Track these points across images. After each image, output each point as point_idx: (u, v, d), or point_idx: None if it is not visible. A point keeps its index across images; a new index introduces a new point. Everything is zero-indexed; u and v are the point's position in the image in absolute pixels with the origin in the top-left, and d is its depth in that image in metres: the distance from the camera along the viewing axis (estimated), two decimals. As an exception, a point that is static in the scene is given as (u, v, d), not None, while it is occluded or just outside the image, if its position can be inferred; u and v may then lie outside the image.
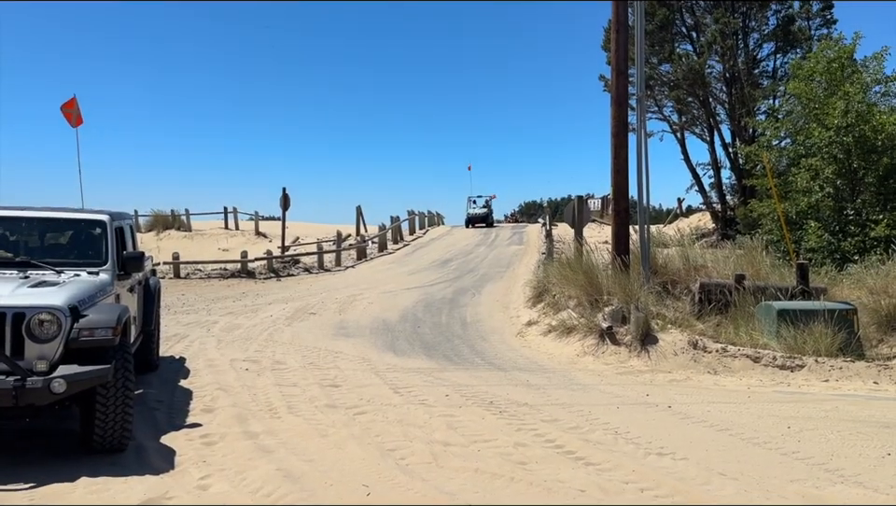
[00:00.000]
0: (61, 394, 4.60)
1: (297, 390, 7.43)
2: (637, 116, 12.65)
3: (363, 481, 4.66)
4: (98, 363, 4.79)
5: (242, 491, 4.45)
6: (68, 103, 8.93)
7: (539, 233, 29.67)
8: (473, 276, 19.46)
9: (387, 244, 27.13)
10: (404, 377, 8.32)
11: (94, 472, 4.66)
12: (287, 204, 22.45)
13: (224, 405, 6.64)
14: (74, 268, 5.81)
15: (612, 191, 12.61)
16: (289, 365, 8.85)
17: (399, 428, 6.02)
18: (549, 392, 7.71)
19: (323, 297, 15.96)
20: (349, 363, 9.16)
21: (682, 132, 28.15)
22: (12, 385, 4.49)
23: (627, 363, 9.52)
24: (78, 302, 5.01)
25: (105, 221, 6.22)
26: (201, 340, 10.53)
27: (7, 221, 6.13)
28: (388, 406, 6.84)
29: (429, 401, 7.06)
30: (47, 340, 4.75)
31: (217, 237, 30.17)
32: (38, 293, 4.99)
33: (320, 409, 6.68)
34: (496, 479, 4.77)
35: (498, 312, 14.13)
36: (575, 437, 5.89)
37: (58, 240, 6.28)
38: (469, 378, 8.43)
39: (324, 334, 11.46)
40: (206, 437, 5.64)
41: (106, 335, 4.88)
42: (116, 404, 4.92)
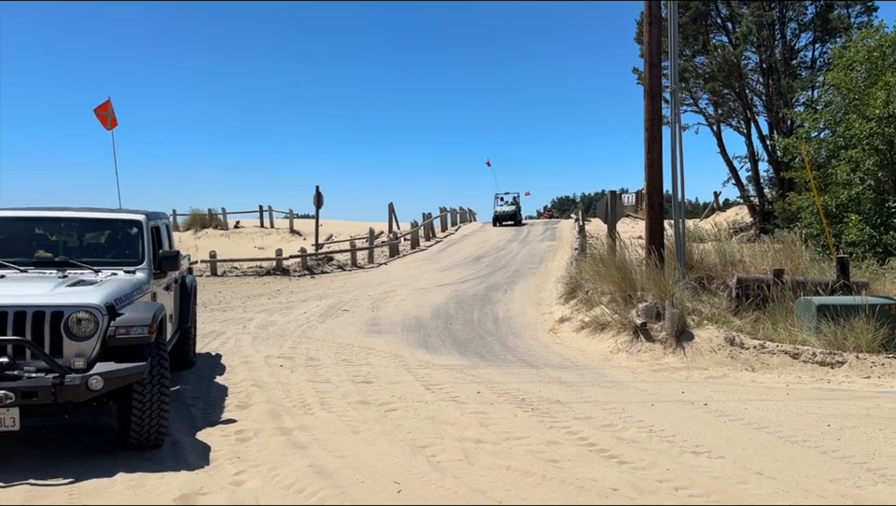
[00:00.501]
0: (98, 391, 4.69)
1: (330, 386, 7.49)
2: (671, 108, 12.45)
3: (394, 478, 4.67)
4: (134, 361, 4.88)
5: (275, 487, 4.50)
6: (102, 106, 9.09)
7: (571, 229, 29.44)
8: (505, 273, 19.38)
9: (419, 241, 27.17)
10: (436, 374, 8.33)
11: (131, 468, 4.75)
12: (320, 202, 22.64)
13: (258, 401, 6.71)
14: (111, 267, 5.93)
15: (646, 186, 12.44)
16: (322, 361, 8.92)
17: (430, 425, 6.03)
18: (582, 389, 7.65)
19: (356, 294, 16.05)
20: (381, 360, 9.19)
21: (718, 124, 27.66)
22: (51, 382, 4.59)
23: (662, 360, 9.40)
24: (115, 300, 5.11)
25: (141, 221, 6.34)
26: (236, 337, 10.67)
27: (46, 222, 6.29)
28: (420, 403, 6.85)
29: (461, 398, 7.05)
30: (84, 338, 4.85)
31: (252, 235, 30.59)
32: (76, 292, 5.10)
33: (352, 405, 6.71)
34: (527, 477, 4.74)
35: (531, 308, 14.05)
36: (608, 435, 5.83)
37: (96, 240, 6.41)
38: (501, 375, 8.40)
39: (357, 331, 11.53)
40: (241, 433, 5.71)
41: (142, 333, 4.97)
42: (152, 401, 5.01)
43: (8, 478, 4.52)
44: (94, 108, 9.02)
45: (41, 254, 6.06)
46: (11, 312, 4.73)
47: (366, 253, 23.46)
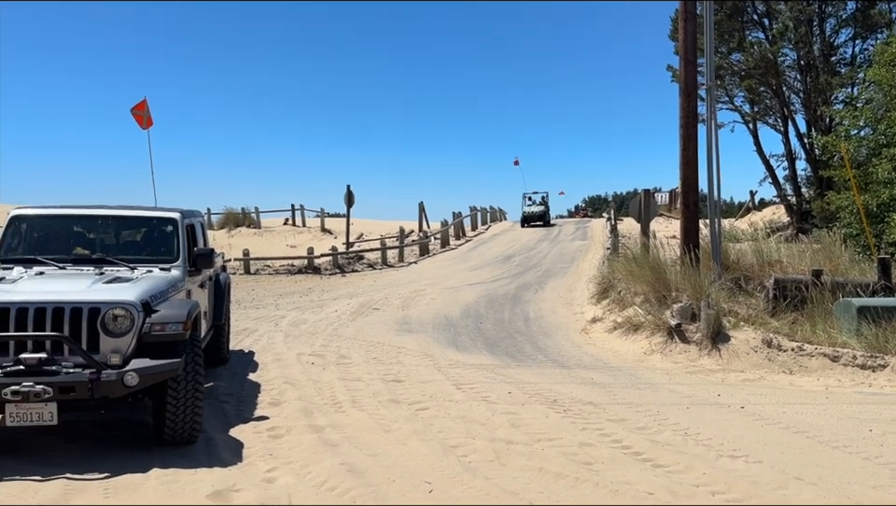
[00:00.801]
0: (134, 387, 4.75)
1: (361, 385, 7.49)
2: (707, 106, 12.26)
3: (425, 477, 4.65)
4: (169, 357, 4.93)
5: (306, 484, 4.50)
6: (139, 105, 9.22)
7: (603, 228, 29.16)
8: (536, 272, 19.28)
9: (449, 239, 27.16)
10: (466, 373, 8.29)
11: (165, 464, 4.80)
12: (351, 201, 22.75)
13: (290, 399, 6.74)
14: (146, 264, 6.00)
15: (681, 184, 12.25)
16: (353, 360, 8.94)
17: (461, 425, 5.99)
18: (615, 391, 7.55)
19: (386, 292, 16.08)
20: (412, 358, 9.18)
21: (754, 122, 27.19)
22: (88, 377, 4.66)
23: (697, 362, 9.24)
24: (150, 297, 5.16)
25: (177, 219, 6.41)
26: (269, 334, 10.76)
27: (83, 219, 6.39)
28: (451, 402, 6.82)
29: (492, 398, 7.00)
30: (120, 334, 4.91)
31: (284, 234, 30.84)
32: (112, 289, 5.17)
33: (383, 404, 6.71)
34: (560, 479, 4.68)
35: (562, 308, 13.94)
36: (643, 437, 5.74)
37: (132, 237, 6.49)
38: (532, 375, 8.33)
39: (387, 329, 11.54)
40: (273, 430, 5.74)
41: (177, 330, 5.01)
42: (186, 398, 5.05)
43: (45, 472, 4.60)
44: (131, 108, 9.17)
45: (79, 251, 6.16)
46: (50, 308, 4.80)
47: (396, 252, 23.51)
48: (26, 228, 6.15)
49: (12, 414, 4.62)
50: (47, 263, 5.77)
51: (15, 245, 6.01)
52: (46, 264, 5.76)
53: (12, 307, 4.76)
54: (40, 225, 6.24)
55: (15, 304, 4.78)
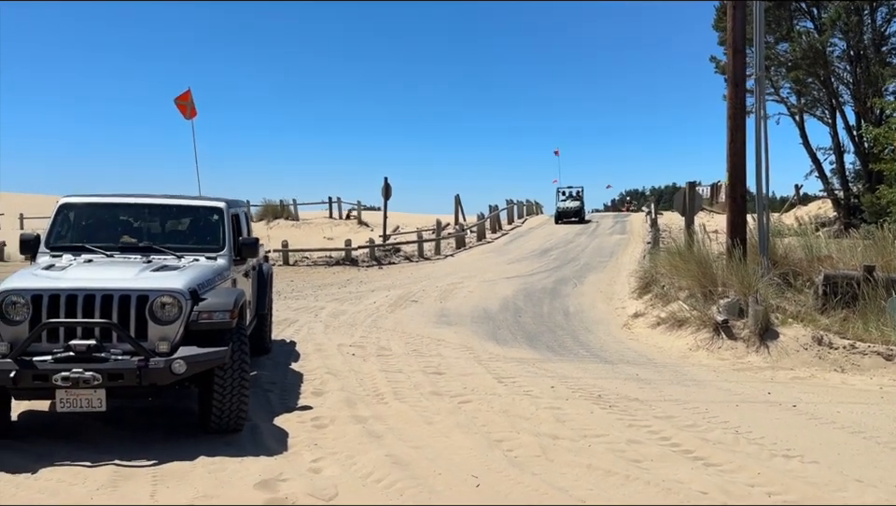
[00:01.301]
0: (181, 375, 4.76)
1: (402, 377, 7.45)
2: (756, 97, 11.94)
3: (472, 471, 4.58)
4: (216, 345, 4.93)
5: (352, 475, 4.46)
6: (183, 95, 9.27)
7: (642, 222, 28.77)
8: (574, 266, 19.08)
9: (486, 233, 27.04)
10: (507, 367, 8.19)
11: (212, 452, 4.80)
12: (388, 194, 22.77)
13: (333, 389, 6.73)
14: (193, 253, 6.02)
15: (728, 177, 11.96)
16: (394, 351, 8.91)
17: (504, 419, 5.91)
18: (661, 387, 7.38)
19: (424, 285, 16.05)
20: (451, 351, 9.12)
21: (801, 114, 26.44)
22: (136, 365, 4.68)
23: (744, 359, 9.00)
24: (198, 285, 5.18)
25: (222, 208, 6.42)
26: (309, 325, 10.79)
27: (131, 208, 6.43)
28: (493, 396, 6.73)
29: (534, 393, 6.90)
30: (168, 322, 4.93)
31: (321, 226, 31.06)
32: (160, 277, 5.19)
33: (425, 396, 6.66)
34: (609, 476, 4.57)
35: (602, 303, 13.75)
36: (692, 435, 5.59)
37: (178, 226, 6.53)
38: (575, 370, 8.20)
39: (426, 322, 11.50)
40: (317, 420, 5.72)
41: (224, 318, 5.01)
42: (232, 386, 5.05)
43: (94, 458, 4.64)
44: (175, 98, 9.23)
45: (126, 239, 6.21)
46: (98, 295, 4.84)
47: (432, 245, 23.48)
48: (74, 216, 6.22)
49: (62, 400, 4.66)
50: (94, 251, 5.82)
51: (63, 233, 6.08)
52: (94, 252, 5.81)
53: (62, 294, 4.81)
54: (88, 213, 6.30)
55: (65, 291, 4.82)
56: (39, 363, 4.61)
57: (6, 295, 4.78)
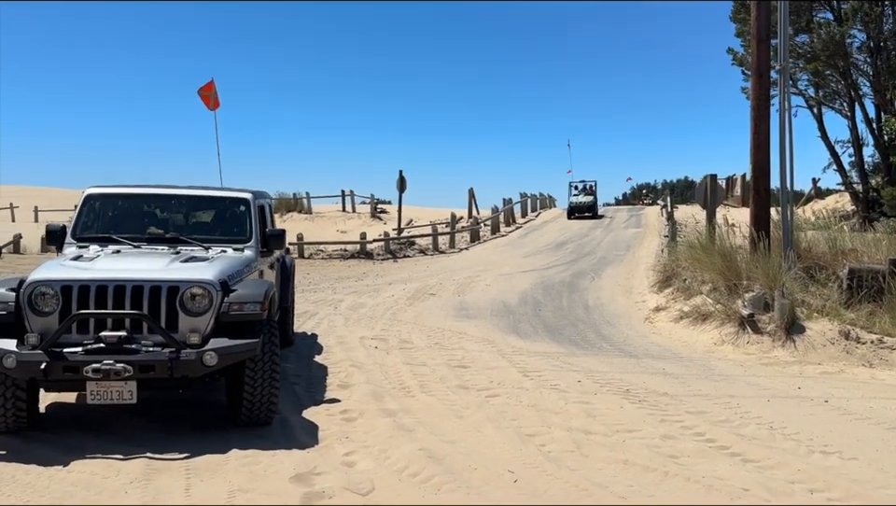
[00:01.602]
0: (212, 367, 4.70)
1: (426, 370, 7.38)
2: (780, 88, 11.76)
3: (507, 466, 4.50)
4: (246, 337, 4.87)
5: (388, 469, 4.40)
6: (206, 86, 9.19)
7: (657, 216, 28.59)
8: (591, 259, 18.97)
9: (500, 226, 26.95)
10: (531, 361, 8.11)
11: (244, 445, 4.75)
12: (403, 186, 22.68)
13: (359, 382, 6.67)
14: (219, 244, 5.97)
15: (752, 169, 11.80)
16: (416, 344, 8.85)
17: (534, 414, 5.83)
18: (689, 382, 7.28)
19: (440, 278, 15.99)
20: (474, 344, 9.04)
21: (819, 107, 26.15)
22: (168, 356, 4.62)
23: (771, 353, 8.88)
24: (228, 277, 5.12)
25: (249, 199, 6.36)
26: (329, 317, 10.75)
27: (157, 199, 6.38)
28: (520, 390, 6.65)
29: (561, 387, 6.82)
30: (198, 313, 4.87)
31: (335, 219, 31.03)
32: (190, 268, 5.13)
33: (452, 389, 6.58)
34: (648, 472, 4.48)
35: (621, 296, 13.63)
36: (726, 431, 5.49)
37: (204, 217, 6.48)
38: (600, 364, 8.11)
39: (445, 315, 11.43)
40: (346, 413, 5.66)
41: (255, 310, 4.95)
42: (263, 378, 5.00)
43: (126, 450, 4.59)
44: (198, 89, 9.16)
45: (153, 230, 6.16)
46: (129, 286, 4.78)
47: (447, 238, 23.42)
48: (100, 207, 6.17)
49: (93, 392, 4.61)
50: (121, 242, 5.78)
51: (90, 224, 6.04)
52: (121, 243, 5.76)
53: (92, 285, 4.75)
54: (114, 204, 6.25)
55: (95, 282, 4.77)
56: (70, 355, 4.57)
57: (35, 286, 4.73)
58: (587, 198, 31.61)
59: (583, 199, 31.50)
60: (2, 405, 4.73)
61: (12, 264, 17.74)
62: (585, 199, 31.48)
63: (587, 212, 30.59)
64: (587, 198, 31.61)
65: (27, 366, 4.49)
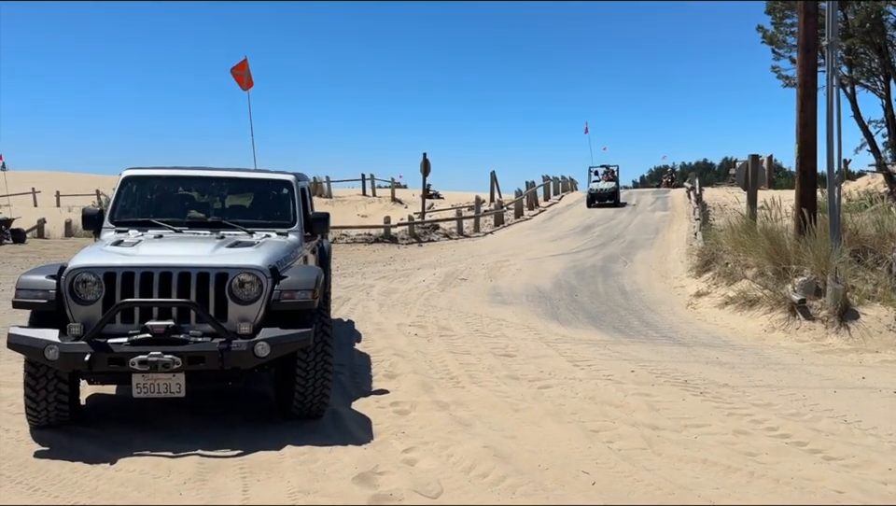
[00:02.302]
0: (264, 358, 4.43)
1: (472, 359, 7.11)
2: (827, 64, 11.26)
3: (580, 466, 4.21)
4: (297, 326, 4.60)
5: (453, 469, 4.12)
6: (239, 65, 8.88)
7: (684, 198, 28.07)
8: (620, 243, 18.59)
9: (524, 210, 26.57)
10: (578, 349, 7.81)
11: (298, 440, 4.49)
12: (427, 169, 22.33)
13: (405, 372, 6.40)
14: (262, 229, 5.67)
15: (797, 149, 11.35)
16: (456, 331, 8.57)
17: (594, 407, 5.54)
18: (747, 372, 6.95)
19: (469, 263, 15.70)
20: (515, 331, 8.75)
21: (853, 85, 25.45)
22: (218, 347, 4.36)
23: (824, 341, 8.51)
24: (277, 262, 4.84)
25: (291, 182, 6.06)
26: (363, 303, 10.49)
27: (197, 181, 6.09)
28: (573, 381, 6.36)
29: (616, 378, 6.51)
30: (248, 301, 4.60)
31: (355, 203, 30.80)
32: (237, 253, 4.86)
33: (502, 380, 6.30)
34: (731, 473, 4.18)
35: (658, 281, 13.27)
36: (800, 426, 5.18)
37: (246, 201, 6.19)
38: (650, 353, 7.79)
39: (480, 300, 11.15)
40: (397, 405, 5.40)
41: (306, 298, 4.67)
42: (316, 370, 4.73)
43: (175, 447, 4.35)
44: (231, 68, 8.84)
45: (194, 214, 5.89)
46: (175, 273, 4.52)
47: (471, 222, 23.10)
48: (139, 189, 5.88)
49: (139, 385, 4.37)
50: (162, 226, 5.50)
51: (128, 207, 5.76)
52: (161, 227, 5.49)
53: (136, 272, 4.49)
54: (153, 187, 5.97)
55: (139, 269, 4.51)
56: (115, 346, 4.31)
57: (77, 273, 4.48)
58: (608, 184, 29.46)
59: (604, 185, 29.33)
60: (43, 398, 4.50)
61: (38, 249, 17.64)
62: (606, 185, 29.31)
63: (608, 199, 28.45)
64: (608, 184, 29.46)
65: (70, 358, 4.24)
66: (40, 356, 4.26)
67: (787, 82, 28.75)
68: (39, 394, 4.48)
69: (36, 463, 4.15)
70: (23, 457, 4.24)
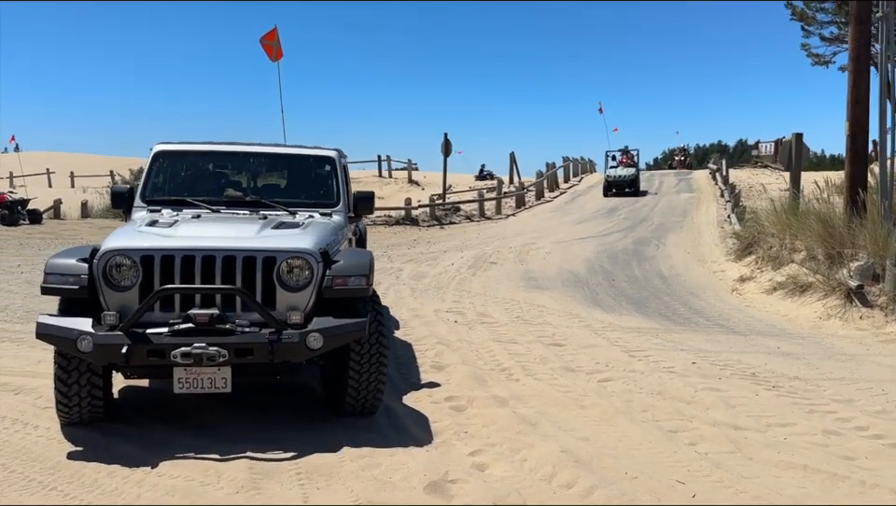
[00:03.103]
0: (317, 350, 4.02)
1: (520, 348, 6.69)
2: (882, 36, 10.69)
3: (670, 474, 3.79)
4: (349, 316, 4.18)
5: (531, 477, 3.71)
6: (269, 35, 8.41)
7: (708, 181, 27.43)
8: (648, 226, 18.08)
9: (544, 192, 26.04)
10: (629, 338, 7.38)
11: (355, 441, 4.08)
12: (448, 150, 21.80)
13: (452, 362, 5.99)
14: (305, 209, 5.23)
15: (848, 126, 10.81)
16: (496, 318, 8.15)
17: (665, 403, 5.11)
18: (813, 363, 6.51)
19: (496, 246, 15.27)
20: (558, 318, 8.33)
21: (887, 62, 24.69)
22: (268, 338, 3.95)
23: (884, 329, 8.03)
24: (326, 246, 4.41)
25: (334, 158, 5.60)
26: (394, 288, 10.08)
27: (233, 157, 5.64)
28: (633, 373, 5.93)
29: (678, 370, 6.08)
30: (298, 288, 4.18)
31: (371, 185, 30.20)
32: (284, 236, 4.43)
33: (557, 372, 5.89)
34: (839, 481, 3.75)
35: (696, 265, 12.79)
36: (892, 425, 4.74)
37: (285, 178, 5.75)
38: (705, 342, 7.35)
39: (514, 285, 10.72)
40: (452, 400, 4.99)
41: (360, 284, 4.25)
42: (371, 363, 4.32)
43: (223, 449, 3.94)
44: (260, 38, 8.38)
45: (231, 193, 5.46)
46: (220, 256, 4.10)
47: (493, 204, 22.64)
48: (171, 166, 5.45)
49: (181, 380, 3.97)
50: (198, 205, 5.07)
51: (160, 185, 5.33)
52: (197, 206, 5.06)
53: (177, 255, 4.08)
54: (185, 162, 5.52)
55: (180, 251, 4.09)
56: (154, 337, 3.91)
57: (111, 256, 4.06)
58: (627, 170, 25.77)
59: (623, 171, 25.64)
60: (76, 393, 4.11)
61: (55, 230, 17.33)
62: (625, 171, 25.64)
63: (628, 188, 25.13)
64: (627, 170, 25.77)
65: (106, 350, 3.84)
66: (72, 347, 3.86)
67: (816, 60, 27.98)
68: (71, 389, 4.09)
69: (70, 466, 3.76)
70: (56, 459, 3.86)
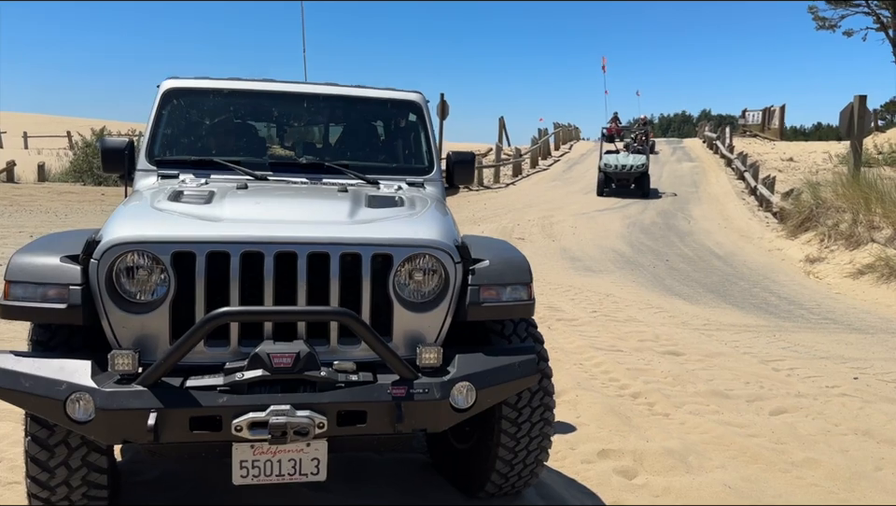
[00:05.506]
0: (466, 411, 2.43)
1: (631, 359, 5.23)
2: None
3: None
4: (503, 351, 2.60)
5: None
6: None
7: (703, 149, 26.35)
8: (664, 197, 16.91)
9: (538, 160, 24.62)
10: (744, 340, 5.99)
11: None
12: (445, 113, 19.99)
13: (566, 387, 4.41)
14: (386, 176, 3.52)
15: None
16: (571, 313, 6.66)
17: (881, 450, 3.70)
18: None
19: (512, 218, 13.83)
20: (641, 312, 6.89)
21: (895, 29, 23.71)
22: (392, 394, 2.32)
23: None
24: (457, 236, 2.77)
25: (420, 104, 3.87)
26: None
27: (277, 99, 3.78)
28: (800, 398, 4.52)
29: (847, 390, 4.72)
30: (425, 305, 2.54)
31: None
32: (392, 220, 2.74)
33: (706, 398, 4.43)
34: None
35: (742, 242, 11.50)
36: None
37: (352, 133, 3.97)
38: (834, 344, 6.00)
39: (558, 267, 9.31)
40: (607, 457, 3.46)
41: (519, 297, 2.65)
42: (532, 422, 2.74)
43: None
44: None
45: (277, 151, 3.75)
46: (303, 253, 2.43)
47: (491, 172, 21.15)
48: (187, 110, 3.64)
49: (246, 464, 2.33)
50: (231, 168, 3.32)
51: (174, 138, 3.53)
52: (230, 170, 3.31)
53: (233, 250, 2.40)
54: (209, 107, 3.70)
55: (238, 244, 2.40)
56: (202, 395, 2.26)
57: (121, 251, 2.36)
58: (636, 159, 17.62)
59: (627, 159, 17.74)
60: (63, 482, 2.44)
61: (8, 196, 15.05)
62: (633, 159, 17.61)
63: (633, 184, 17.52)
64: (636, 159, 17.62)
65: (118, 420, 2.19)
66: (58, 413, 2.20)
67: (821, 24, 26.88)
68: (55, 475, 2.42)
69: None
70: None
